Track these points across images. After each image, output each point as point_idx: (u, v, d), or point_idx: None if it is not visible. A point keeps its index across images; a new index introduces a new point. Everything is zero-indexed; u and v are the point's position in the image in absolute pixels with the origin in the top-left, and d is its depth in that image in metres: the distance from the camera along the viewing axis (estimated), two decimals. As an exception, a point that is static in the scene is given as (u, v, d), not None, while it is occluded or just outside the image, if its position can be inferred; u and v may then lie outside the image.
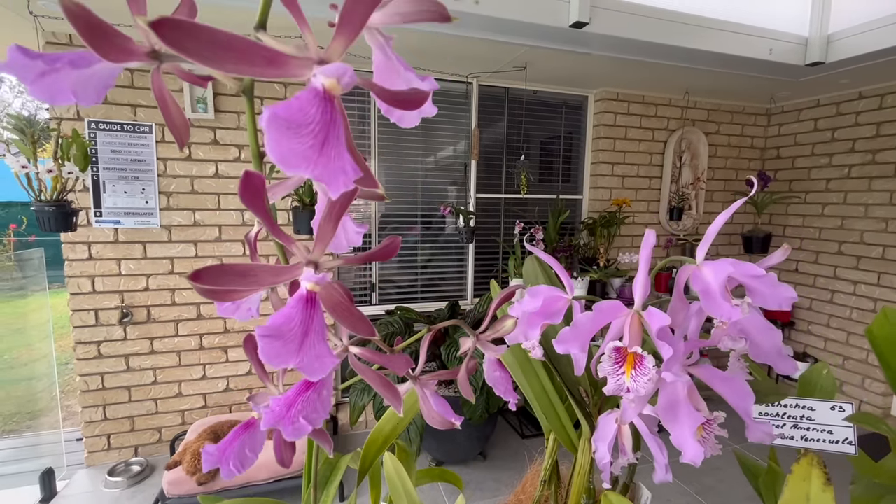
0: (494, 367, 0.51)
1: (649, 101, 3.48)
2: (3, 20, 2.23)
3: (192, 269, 0.25)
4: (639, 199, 3.57)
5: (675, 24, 2.40)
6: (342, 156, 0.21)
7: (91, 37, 0.23)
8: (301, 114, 0.20)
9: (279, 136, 0.19)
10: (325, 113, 0.21)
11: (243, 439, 0.42)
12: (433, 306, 3.25)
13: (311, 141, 0.20)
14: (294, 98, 0.21)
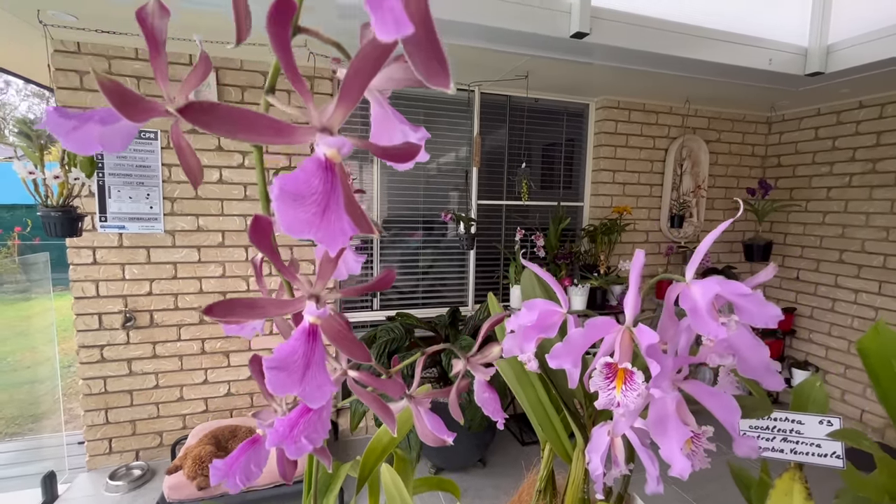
0: (484, 389, 0.52)
1: (650, 109, 3.50)
2: (14, 29, 2.27)
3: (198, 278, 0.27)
4: (640, 207, 3.58)
5: (675, 34, 2.42)
6: (341, 218, 0.23)
7: (121, 105, 0.26)
8: (306, 185, 0.23)
9: (286, 208, 0.22)
10: (327, 182, 0.23)
11: (249, 455, 0.44)
12: (434, 312, 3.26)
13: (314, 209, 0.22)
14: (300, 169, 0.23)
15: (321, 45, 2.46)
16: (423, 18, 0.22)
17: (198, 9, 2.02)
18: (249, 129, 0.24)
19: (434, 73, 0.21)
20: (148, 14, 0.30)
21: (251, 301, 0.28)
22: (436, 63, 0.22)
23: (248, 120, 0.24)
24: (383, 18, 0.19)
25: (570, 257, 3.18)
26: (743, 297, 0.47)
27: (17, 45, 2.52)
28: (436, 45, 0.22)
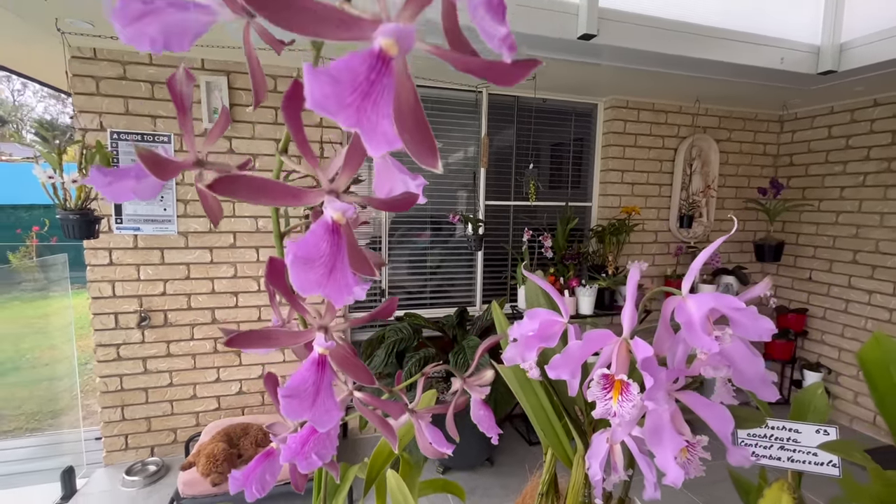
0: (479, 407, 0.54)
1: (659, 108, 3.48)
2: (33, 36, 2.33)
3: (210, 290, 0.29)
4: (648, 207, 3.56)
5: (684, 34, 2.41)
6: (346, 275, 0.25)
7: (154, 168, 0.29)
8: (315, 249, 0.25)
9: (299, 272, 0.24)
10: (333, 244, 0.26)
11: (264, 466, 0.47)
12: (442, 312, 3.29)
13: (322, 270, 0.25)
14: (310, 234, 0.26)
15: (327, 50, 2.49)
16: (417, 121, 0.24)
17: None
18: (269, 196, 0.27)
19: (425, 158, 0.24)
20: (177, 81, 0.33)
21: (267, 332, 0.31)
22: (426, 150, 0.24)
23: (268, 188, 0.27)
24: (377, 141, 0.22)
25: (577, 258, 3.18)
26: (737, 311, 0.49)
27: (35, 51, 2.58)
28: (428, 138, 0.24)
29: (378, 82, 0.21)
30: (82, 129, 2.49)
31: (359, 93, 0.22)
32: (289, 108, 0.26)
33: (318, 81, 0.21)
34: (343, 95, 0.21)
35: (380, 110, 0.21)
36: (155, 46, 0.28)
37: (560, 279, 3.11)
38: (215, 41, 2.39)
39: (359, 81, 0.21)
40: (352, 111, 0.21)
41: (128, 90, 2.54)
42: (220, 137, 0.40)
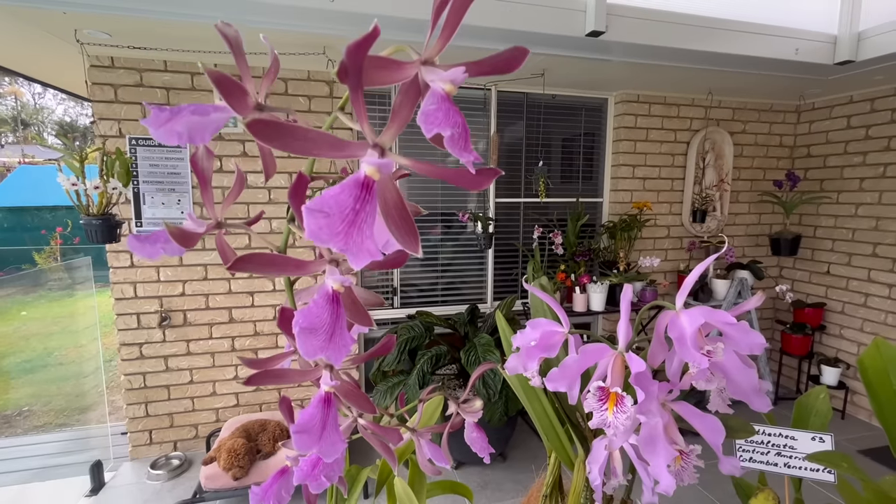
0: (472, 430, 0.57)
1: (671, 101, 3.44)
2: (53, 47, 2.40)
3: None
4: (660, 202, 3.53)
5: (694, 27, 2.37)
6: (344, 337, 0.29)
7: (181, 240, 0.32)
8: (318, 319, 0.29)
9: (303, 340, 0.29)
10: (333, 313, 0.30)
11: (280, 483, 0.51)
12: (453, 310, 3.32)
13: (324, 337, 0.29)
14: (312, 303, 0.29)
15: (340, 52, 2.52)
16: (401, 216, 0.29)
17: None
18: (278, 267, 0.30)
19: (409, 244, 0.29)
20: (199, 158, 0.37)
21: (281, 371, 0.35)
22: (410, 239, 0.29)
23: (276, 262, 0.30)
24: (362, 258, 0.26)
25: (588, 254, 3.18)
26: (729, 325, 0.50)
27: (56, 60, 2.66)
28: (411, 229, 0.29)
29: (362, 210, 0.25)
30: (102, 135, 2.57)
31: (346, 222, 0.26)
32: (294, 196, 0.30)
33: (314, 217, 0.25)
34: (334, 226, 0.25)
35: (364, 233, 0.24)
36: (181, 140, 0.32)
37: (571, 276, 3.11)
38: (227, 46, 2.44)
39: (346, 213, 0.25)
40: (341, 238, 0.26)
41: (145, 97, 2.61)
42: (237, 198, 0.45)
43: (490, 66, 0.30)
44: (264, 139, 0.26)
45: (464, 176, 0.27)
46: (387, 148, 0.28)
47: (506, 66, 0.30)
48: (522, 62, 0.30)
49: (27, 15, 1.99)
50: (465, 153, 0.26)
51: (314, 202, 0.24)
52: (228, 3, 1.87)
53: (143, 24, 2.10)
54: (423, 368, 2.63)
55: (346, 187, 0.25)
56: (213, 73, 0.29)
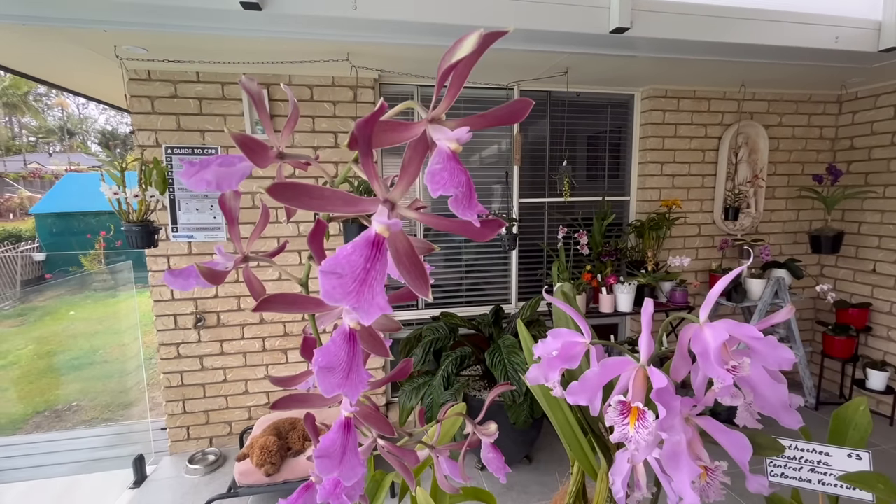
0: (489, 450, 0.58)
1: (701, 95, 3.33)
2: (94, 62, 2.54)
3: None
4: (690, 199, 3.43)
5: (724, 19, 2.29)
6: (360, 374, 0.30)
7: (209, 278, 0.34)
8: (335, 358, 0.30)
9: (322, 378, 0.29)
10: (350, 351, 0.31)
11: (305, 498, 0.53)
12: (478, 311, 3.32)
13: (341, 375, 0.30)
14: (330, 342, 0.30)
15: (363, 59, 2.56)
16: (412, 262, 0.31)
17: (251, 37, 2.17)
18: (297, 305, 0.32)
19: (419, 288, 0.31)
20: (227, 199, 0.40)
21: (303, 396, 0.36)
22: (421, 283, 0.31)
23: (298, 301, 0.32)
24: (373, 313, 0.27)
25: (615, 254, 3.12)
26: (755, 340, 0.49)
27: (97, 75, 2.81)
28: (422, 274, 0.31)
29: (373, 269, 0.26)
30: (141, 145, 2.70)
31: (358, 281, 0.27)
32: (313, 241, 0.32)
33: (328, 279, 0.27)
34: (346, 285, 0.27)
35: (374, 290, 0.26)
36: (210, 188, 0.35)
37: (597, 276, 3.06)
38: (255, 56, 2.51)
39: (357, 273, 0.26)
40: (353, 296, 0.27)
41: (179, 107, 2.72)
42: (258, 236, 0.47)
43: (495, 118, 0.30)
44: (283, 200, 0.29)
45: (469, 228, 0.29)
46: (397, 203, 0.29)
47: (510, 118, 0.31)
48: (527, 113, 0.31)
49: (72, 34, 2.11)
50: (468, 212, 0.27)
51: (328, 263, 0.25)
52: (255, 17, 1.93)
53: (177, 38, 2.20)
54: (447, 369, 2.64)
55: (358, 247, 0.26)
56: (238, 137, 0.32)
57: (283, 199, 0.28)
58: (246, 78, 0.39)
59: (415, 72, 2.84)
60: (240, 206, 0.43)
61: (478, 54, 0.29)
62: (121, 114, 18.65)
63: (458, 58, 0.28)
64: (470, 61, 0.29)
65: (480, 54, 0.29)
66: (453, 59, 0.28)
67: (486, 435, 0.56)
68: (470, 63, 0.30)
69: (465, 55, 0.28)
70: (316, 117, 2.88)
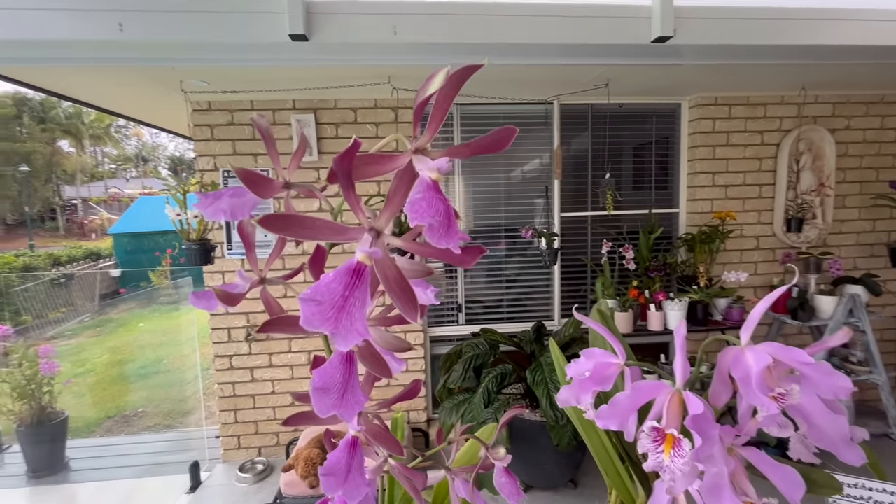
0: (501, 475, 0.56)
1: (755, 101, 3.15)
2: (163, 96, 2.79)
3: None
4: (746, 210, 3.22)
5: (778, 21, 2.17)
6: (356, 395, 0.31)
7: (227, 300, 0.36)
8: (330, 379, 0.32)
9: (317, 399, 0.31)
10: (346, 373, 0.32)
11: None
12: (519, 327, 3.26)
13: (336, 395, 0.32)
14: (328, 363, 0.32)
15: (404, 81, 2.64)
16: (401, 288, 0.31)
17: (299, 66, 2.31)
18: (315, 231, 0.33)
19: (408, 312, 0.31)
20: (244, 225, 0.43)
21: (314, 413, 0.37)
22: (410, 307, 0.31)
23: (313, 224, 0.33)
24: (351, 339, 0.28)
25: (664, 269, 2.97)
26: (805, 365, 0.45)
27: (166, 107, 3.09)
28: (411, 299, 0.32)
29: (351, 296, 0.27)
30: (201, 170, 2.92)
31: (336, 308, 0.29)
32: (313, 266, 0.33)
33: (307, 305, 0.29)
34: (325, 312, 0.28)
35: (353, 316, 0.27)
36: (227, 217, 0.38)
37: (645, 293, 2.93)
38: (303, 83, 2.66)
39: (336, 300, 0.27)
40: (331, 322, 0.28)
41: (235, 134, 2.92)
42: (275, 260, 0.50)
43: (480, 147, 0.31)
44: (274, 230, 0.30)
45: (451, 255, 0.29)
46: (383, 231, 0.30)
47: (495, 146, 0.31)
48: (511, 141, 0.31)
49: (145, 72, 2.34)
50: (443, 241, 0.27)
51: (308, 292, 0.27)
52: (302, 47, 2.05)
53: (234, 71, 2.38)
54: (488, 387, 2.61)
55: (339, 275, 0.27)
56: (240, 171, 0.35)
57: (274, 230, 0.29)
58: (257, 115, 0.42)
59: (454, 91, 2.89)
60: (256, 232, 0.45)
61: (454, 88, 0.30)
62: (187, 141, 20.32)
63: (428, 93, 0.29)
64: (448, 94, 0.30)
65: (458, 87, 0.30)
66: (425, 95, 0.29)
67: (497, 459, 0.54)
68: (449, 96, 0.31)
69: (434, 91, 0.29)
70: (359, 139, 2.98)
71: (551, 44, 2.12)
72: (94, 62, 2.14)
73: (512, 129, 0.31)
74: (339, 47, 2.13)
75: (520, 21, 2.09)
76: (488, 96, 3.02)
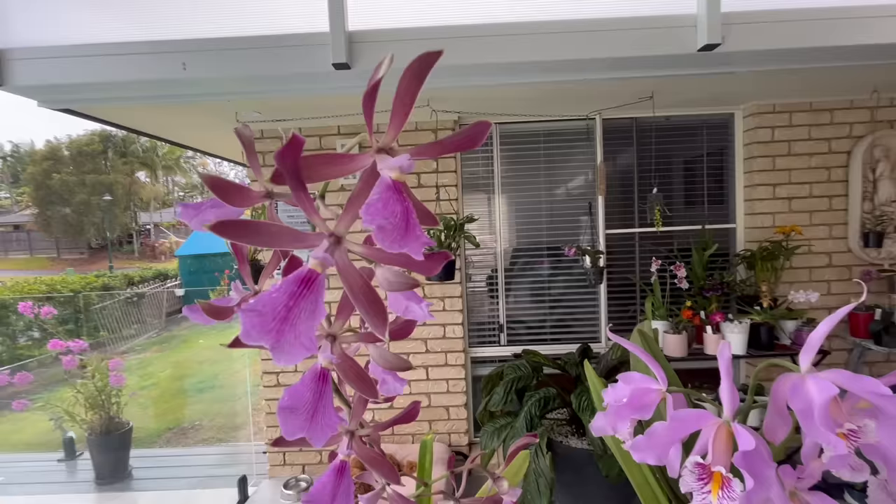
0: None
1: (819, 107, 2.92)
2: (220, 128, 3.01)
3: None
4: (815, 224, 2.96)
5: (839, 21, 2.02)
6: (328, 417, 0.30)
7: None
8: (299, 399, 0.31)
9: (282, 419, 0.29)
10: (317, 392, 0.30)
11: None
12: (563, 349, 3.14)
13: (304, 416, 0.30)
14: (300, 382, 0.31)
15: (443, 103, 2.69)
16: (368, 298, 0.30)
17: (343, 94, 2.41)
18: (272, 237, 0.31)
19: (377, 327, 0.30)
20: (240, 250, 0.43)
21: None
22: (379, 321, 0.30)
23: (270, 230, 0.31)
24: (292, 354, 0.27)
25: (721, 288, 2.77)
26: (880, 397, 0.38)
27: (224, 138, 3.33)
28: (380, 310, 0.30)
29: (296, 306, 0.26)
30: (253, 195, 3.09)
31: (278, 320, 0.27)
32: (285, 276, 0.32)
33: (248, 316, 0.27)
34: (266, 323, 0.26)
35: (298, 329, 0.25)
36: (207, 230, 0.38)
37: (700, 314, 2.73)
38: (347, 109, 2.78)
39: (278, 310, 0.26)
40: (272, 335, 0.26)
41: (284, 160, 3.09)
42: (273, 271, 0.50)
43: (453, 144, 0.29)
44: (228, 237, 0.29)
45: (410, 261, 0.27)
46: (343, 236, 0.28)
47: (469, 142, 0.29)
48: (485, 136, 0.29)
49: (205, 107, 2.54)
50: (397, 245, 0.25)
51: (251, 302, 0.26)
52: (345, 75, 2.14)
53: (282, 100, 2.53)
54: (531, 411, 2.51)
55: (285, 284, 0.26)
56: (207, 178, 0.33)
57: (228, 237, 0.28)
58: (241, 125, 0.43)
59: (492, 110, 2.91)
60: (247, 249, 0.46)
61: (415, 78, 0.28)
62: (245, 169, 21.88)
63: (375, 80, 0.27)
64: (410, 86, 0.28)
65: (421, 78, 0.28)
66: (373, 82, 0.27)
67: (503, 493, 0.51)
68: (411, 89, 0.29)
69: (380, 77, 0.27)
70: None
71: (597, 58, 2.09)
72: (161, 100, 2.35)
73: (486, 123, 0.29)
74: (380, 73, 2.20)
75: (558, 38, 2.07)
76: (527, 115, 3.00)
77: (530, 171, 3.20)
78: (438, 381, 3.12)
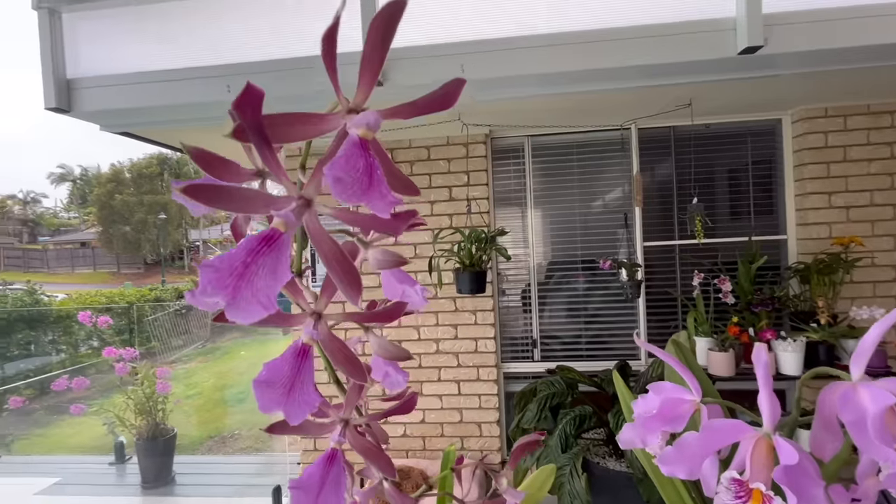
0: None
1: (878, 109, 2.73)
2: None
3: None
4: (877, 235, 2.74)
5: (891, 17, 1.89)
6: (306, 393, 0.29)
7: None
8: (277, 373, 0.30)
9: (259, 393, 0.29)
10: (295, 367, 0.30)
11: None
12: (600, 366, 3.03)
13: (281, 391, 0.29)
14: (280, 357, 0.30)
15: (473, 117, 2.71)
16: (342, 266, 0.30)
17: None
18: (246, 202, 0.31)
19: (351, 295, 0.30)
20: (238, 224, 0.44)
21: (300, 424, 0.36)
22: (351, 289, 0.31)
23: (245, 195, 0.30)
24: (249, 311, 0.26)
25: (771, 303, 2.59)
26: (948, 410, 0.34)
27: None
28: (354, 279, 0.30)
29: (254, 263, 0.25)
30: (291, 209, 3.20)
31: (235, 276, 0.26)
32: None
33: (205, 272, 0.26)
34: (222, 279, 0.25)
35: (255, 286, 0.24)
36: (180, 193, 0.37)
37: (748, 331, 2.57)
38: (380, 127, 2.84)
39: (235, 266, 0.25)
40: (228, 291, 0.25)
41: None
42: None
43: (426, 105, 0.28)
44: (202, 201, 0.28)
45: (375, 221, 0.26)
46: (313, 199, 0.28)
47: (443, 102, 0.28)
48: (459, 93, 0.28)
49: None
50: (353, 198, 0.24)
51: (210, 258, 0.25)
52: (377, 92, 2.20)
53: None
54: (565, 430, 2.42)
55: (245, 241, 0.26)
56: (192, 149, 0.32)
57: (202, 201, 0.28)
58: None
59: (523, 122, 2.91)
60: (248, 228, 0.46)
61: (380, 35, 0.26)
62: (287, 187, 22.98)
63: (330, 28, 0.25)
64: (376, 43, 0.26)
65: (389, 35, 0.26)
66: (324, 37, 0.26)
67: (501, 491, 0.48)
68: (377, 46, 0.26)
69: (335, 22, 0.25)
70: (432, 174, 3.10)
71: (633, 66, 2.05)
72: (208, 122, 2.50)
73: (461, 80, 0.28)
74: (410, 89, 2.25)
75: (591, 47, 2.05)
76: (560, 126, 2.97)
77: (564, 183, 3.16)
78: (470, 395, 3.07)
